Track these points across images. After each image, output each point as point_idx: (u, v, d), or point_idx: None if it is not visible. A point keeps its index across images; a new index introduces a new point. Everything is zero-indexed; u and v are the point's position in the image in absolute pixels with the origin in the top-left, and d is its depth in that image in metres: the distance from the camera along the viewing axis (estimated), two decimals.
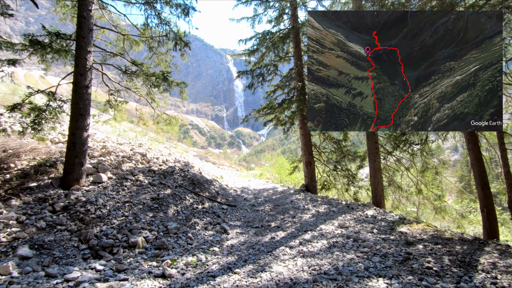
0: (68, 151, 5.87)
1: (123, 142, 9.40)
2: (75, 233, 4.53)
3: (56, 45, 6.14)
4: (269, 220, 6.27)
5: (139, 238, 4.57)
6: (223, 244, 4.80)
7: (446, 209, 9.29)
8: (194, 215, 6.02)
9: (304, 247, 4.44)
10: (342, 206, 6.94)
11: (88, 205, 5.07)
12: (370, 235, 4.93)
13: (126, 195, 5.76)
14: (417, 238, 4.77)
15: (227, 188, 9.18)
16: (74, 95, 5.97)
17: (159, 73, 6.83)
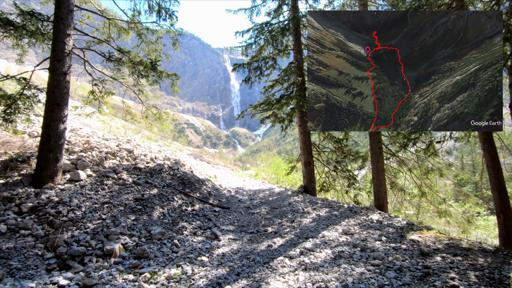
0: (42, 145, 5.23)
1: (110, 137, 8.76)
2: (42, 239, 3.91)
3: (30, 27, 5.49)
4: (265, 225, 5.70)
5: (116, 245, 3.96)
6: (213, 252, 4.21)
7: (451, 213, 8.82)
8: (182, 218, 5.42)
9: (305, 257, 3.88)
10: (344, 210, 6.41)
11: (60, 206, 4.45)
12: (379, 243, 4.39)
13: (105, 195, 5.14)
14: (432, 247, 4.24)
15: (221, 188, 8.59)
16: (50, 83, 5.33)
17: (147, 61, 6.21)
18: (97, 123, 13.27)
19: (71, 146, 6.67)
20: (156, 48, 7.48)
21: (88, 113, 7.60)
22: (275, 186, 10.29)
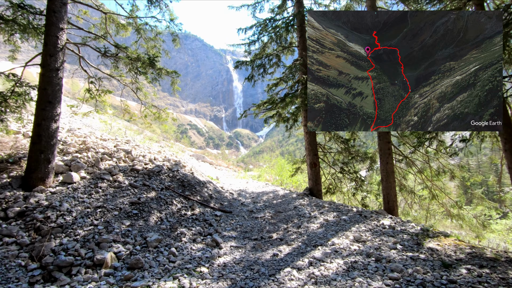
0: (33, 145, 4.93)
1: (108, 138, 8.45)
2: (27, 247, 3.59)
3: (21, 20, 5.19)
4: (270, 230, 5.34)
5: (107, 254, 3.62)
6: (213, 262, 3.85)
7: (465, 217, 8.39)
8: (181, 223, 5.08)
9: (315, 268, 3.52)
10: (354, 214, 6.03)
11: (49, 211, 4.12)
12: (394, 252, 4.02)
13: (99, 198, 4.81)
14: (454, 258, 3.86)
15: (223, 191, 8.24)
16: (42, 79, 5.03)
17: (145, 57, 5.88)
18: (99, 124, 13.03)
19: (66, 146, 6.36)
20: (156, 45, 7.17)
21: (85, 112, 7.30)
22: (279, 188, 9.92)
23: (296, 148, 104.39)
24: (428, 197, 9.19)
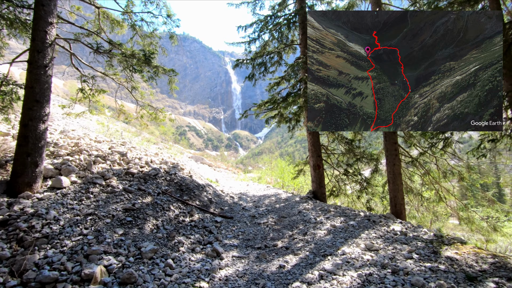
0: (19, 148, 4.58)
1: (104, 139, 8.10)
2: (7, 261, 3.23)
3: (8, 15, 4.85)
4: (274, 238, 4.99)
5: (97, 268, 3.27)
6: (214, 275, 3.50)
7: (474, 220, 8.06)
8: (179, 231, 4.73)
9: (327, 283, 3.18)
10: (361, 219, 5.70)
11: (33, 220, 3.77)
12: (411, 262, 3.69)
13: (90, 205, 4.46)
14: (477, 269, 3.53)
15: (223, 194, 7.90)
16: (29, 77, 4.69)
17: (140, 54, 5.54)
18: (97, 126, 12.68)
19: (57, 149, 6.01)
20: (152, 42, 6.83)
21: (78, 112, 6.95)
22: (281, 191, 9.58)
23: (295, 150, 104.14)
24: (435, 199, 8.87)
